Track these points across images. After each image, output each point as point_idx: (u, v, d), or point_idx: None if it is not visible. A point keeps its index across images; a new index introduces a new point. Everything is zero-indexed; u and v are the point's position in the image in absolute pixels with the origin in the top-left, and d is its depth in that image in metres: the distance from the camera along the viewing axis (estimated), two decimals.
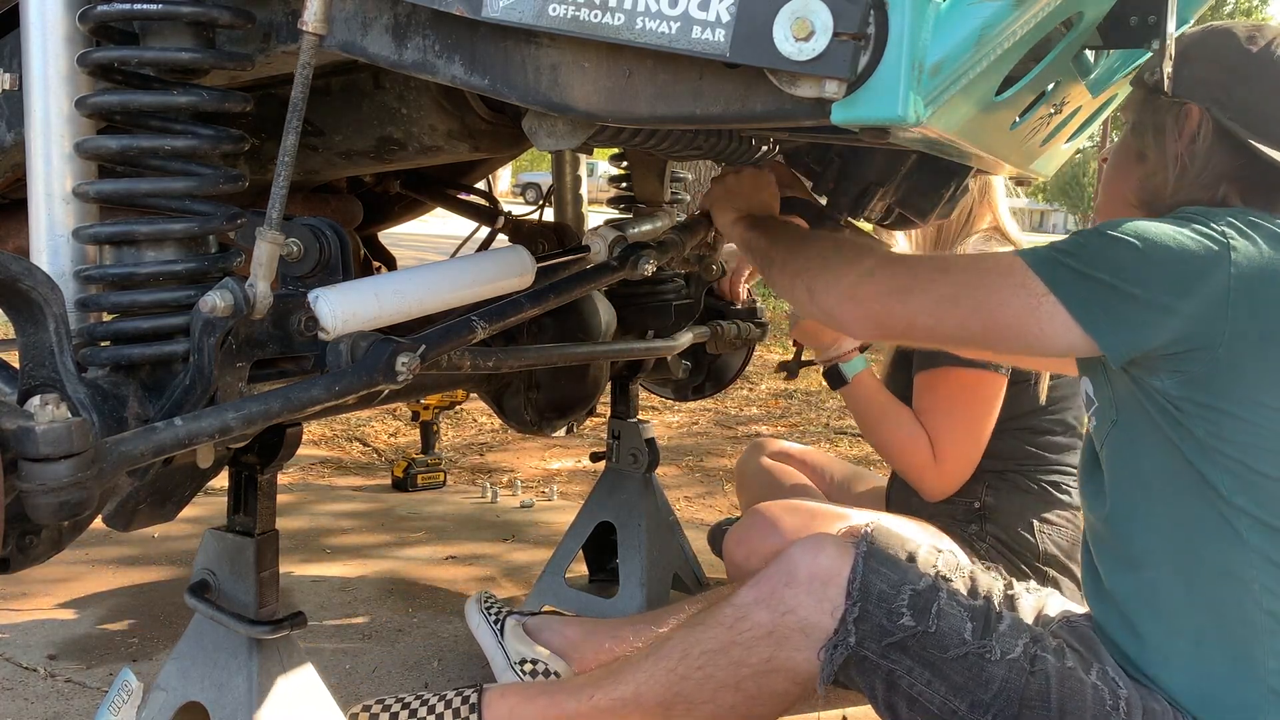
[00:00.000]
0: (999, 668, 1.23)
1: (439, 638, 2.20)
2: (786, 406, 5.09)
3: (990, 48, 0.94)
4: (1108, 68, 1.49)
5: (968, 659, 1.23)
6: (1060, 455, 2.02)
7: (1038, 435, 2.01)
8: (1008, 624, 1.28)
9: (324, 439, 4.03)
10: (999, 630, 1.26)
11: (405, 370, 1.13)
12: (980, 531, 1.96)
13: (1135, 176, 1.40)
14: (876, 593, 1.26)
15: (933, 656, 1.24)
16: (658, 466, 2.29)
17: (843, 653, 1.25)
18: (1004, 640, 1.25)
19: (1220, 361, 1.17)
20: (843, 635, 1.25)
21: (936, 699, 1.24)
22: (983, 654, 1.24)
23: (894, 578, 1.28)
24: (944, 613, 1.26)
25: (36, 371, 0.95)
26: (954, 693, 1.24)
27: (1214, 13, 26.47)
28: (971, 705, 1.23)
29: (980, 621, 1.27)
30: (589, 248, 1.59)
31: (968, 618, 1.27)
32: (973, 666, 1.23)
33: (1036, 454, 2.00)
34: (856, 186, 1.69)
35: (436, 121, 1.44)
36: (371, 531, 2.96)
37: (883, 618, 1.25)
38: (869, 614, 1.25)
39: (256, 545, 1.35)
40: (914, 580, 1.29)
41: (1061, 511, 1.98)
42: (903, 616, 1.25)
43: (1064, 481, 2.00)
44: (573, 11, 0.92)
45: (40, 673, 1.95)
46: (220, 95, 1.08)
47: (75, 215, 1.06)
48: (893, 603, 1.26)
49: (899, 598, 1.26)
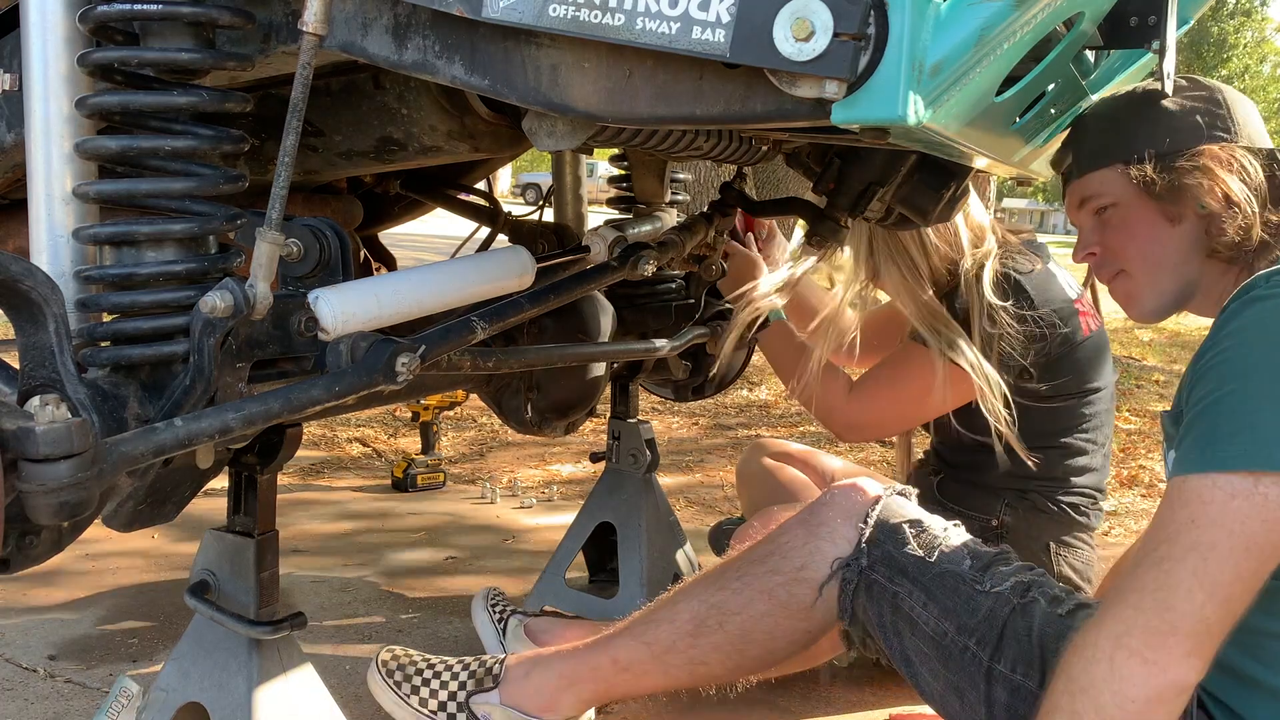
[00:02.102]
0: (987, 598, 1.35)
1: (439, 638, 2.20)
2: (786, 406, 5.09)
3: (990, 48, 0.94)
4: (1108, 68, 1.49)
5: (960, 587, 1.36)
6: (1084, 477, 1.97)
7: (1066, 456, 1.96)
8: (1008, 569, 1.39)
9: (324, 439, 4.03)
10: (996, 570, 1.38)
11: (405, 370, 1.13)
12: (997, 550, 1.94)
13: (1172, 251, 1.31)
14: (892, 525, 1.43)
15: (930, 581, 1.38)
16: (658, 467, 2.29)
17: (855, 571, 1.41)
18: (996, 577, 1.37)
19: None
20: (856, 556, 1.42)
21: (931, 620, 1.36)
22: (974, 583, 1.37)
23: (910, 515, 1.45)
24: (948, 547, 1.41)
25: (36, 372, 0.94)
26: (945, 615, 1.36)
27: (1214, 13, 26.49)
28: (959, 628, 1.35)
29: (980, 561, 1.40)
30: (589, 248, 1.59)
31: (968, 555, 1.41)
32: (963, 593, 1.36)
33: (1061, 474, 1.96)
34: (856, 186, 1.68)
35: (436, 122, 1.44)
36: (371, 532, 2.96)
37: (891, 545, 1.41)
38: (880, 541, 1.42)
39: (256, 546, 1.35)
40: (927, 522, 1.45)
41: (1080, 534, 1.96)
42: (908, 545, 1.41)
43: (1083, 504, 1.97)
44: (573, 12, 0.92)
45: (40, 673, 1.95)
46: (220, 95, 1.08)
47: (75, 215, 1.06)
48: (902, 534, 1.42)
49: (909, 530, 1.42)
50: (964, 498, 2.00)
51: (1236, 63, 29.78)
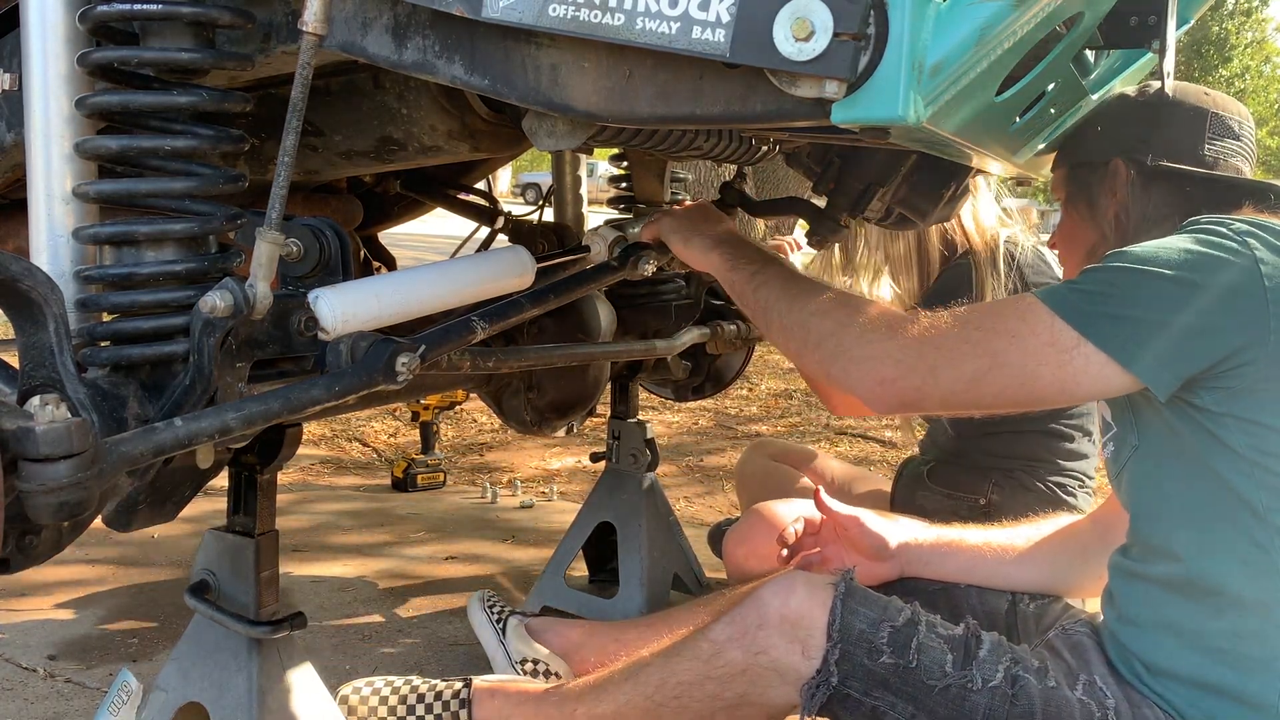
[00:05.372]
0: (981, 696, 1.24)
1: (439, 638, 2.20)
2: (786, 406, 5.09)
3: (990, 48, 0.94)
4: (1108, 68, 1.49)
5: (950, 691, 1.24)
6: (1071, 461, 2.02)
7: (1053, 439, 2.01)
8: (988, 649, 1.29)
9: (324, 439, 4.03)
10: (979, 657, 1.27)
11: (405, 370, 1.13)
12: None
13: (1083, 248, 1.44)
14: (856, 632, 1.27)
15: (915, 691, 1.25)
16: (658, 467, 2.29)
17: (825, 692, 1.26)
18: (984, 668, 1.26)
19: (1263, 373, 1.16)
20: (825, 675, 1.26)
21: None
22: (965, 684, 1.25)
23: (872, 616, 1.29)
24: (924, 646, 1.27)
25: (36, 372, 0.94)
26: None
27: (1214, 13, 26.50)
28: None
29: (960, 651, 1.28)
30: (589, 248, 1.59)
31: (948, 649, 1.28)
32: (955, 698, 1.24)
33: (1048, 456, 2.01)
34: (856, 186, 1.68)
35: (436, 121, 1.44)
36: (371, 531, 2.96)
37: (864, 656, 1.26)
38: (850, 654, 1.26)
39: (256, 545, 1.35)
40: (892, 616, 1.29)
41: (1067, 514, 1.97)
42: (883, 654, 1.26)
43: (1071, 485, 2.00)
44: (573, 11, 0.92)
45: (40, 673, 1.95)
46: (220, 95, 1.08)
47: (75, 215, 1.06)
48: (873, 641, 1.27)
49: (879, 635, 1.27)
50: (953, 481, 2.06)
51: (1237, 63, 29.77)
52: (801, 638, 1.28)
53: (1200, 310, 1.15)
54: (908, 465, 2.23)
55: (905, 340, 1.25)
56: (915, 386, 1.24)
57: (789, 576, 1.36)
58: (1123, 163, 1.40)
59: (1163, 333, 1.15)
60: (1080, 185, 1.46)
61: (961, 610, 1.51)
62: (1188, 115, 1.39)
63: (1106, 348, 1.16)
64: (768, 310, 1.39)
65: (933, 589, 1.58)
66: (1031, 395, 1.22)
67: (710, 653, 1.34)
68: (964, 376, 1.22)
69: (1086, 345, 1.16)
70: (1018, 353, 1.19)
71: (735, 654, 1.32)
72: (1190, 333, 1.15)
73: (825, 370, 1.32)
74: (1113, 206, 1.40)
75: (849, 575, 1.35)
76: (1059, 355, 1.17)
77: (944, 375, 1.23)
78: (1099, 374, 1.17)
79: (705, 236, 1.51)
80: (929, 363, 1.23)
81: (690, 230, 1.54)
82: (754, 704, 1.32)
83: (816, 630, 1.28)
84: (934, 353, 1.23)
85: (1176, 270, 1.16)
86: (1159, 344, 1.15)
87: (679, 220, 1.56)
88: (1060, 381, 1.18)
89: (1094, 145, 1.44)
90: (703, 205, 1.66)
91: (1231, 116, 1.40)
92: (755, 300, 1.41)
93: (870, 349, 1.26)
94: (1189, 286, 1.15)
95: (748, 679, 1.31)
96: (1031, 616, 1.53)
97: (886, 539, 1.61)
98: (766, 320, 1.40)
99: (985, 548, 1.60)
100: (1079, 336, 1.17)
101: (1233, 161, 1.38)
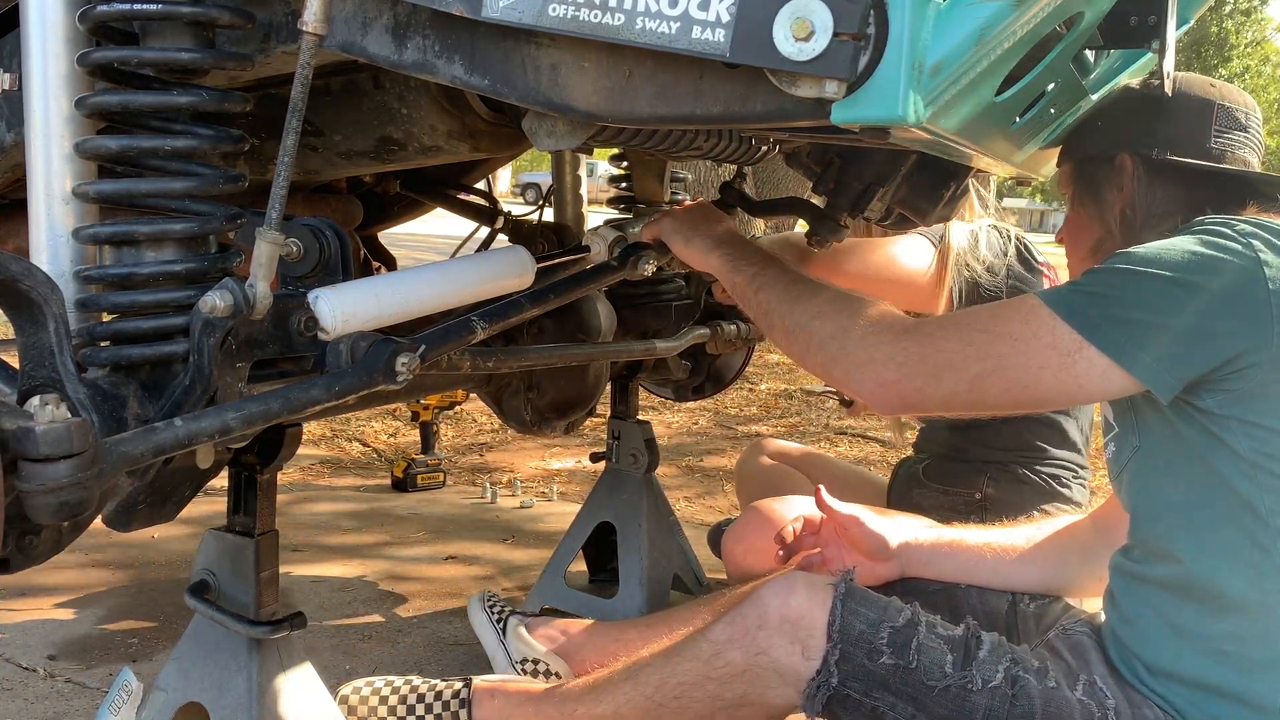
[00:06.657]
0: (981, 697, 1.24)
1: (439, 638, 2.20)
2: (786, 406, 5.09)
3: (990, 48, 0.94)
4: (1108, 68, 1.49)
5: (950, 691, 1.24)
6: (1066, 451, 2.02)
7: (1047, 429, 2.02)
8: (988, 649, 1.29)
9: (324, 439, 4.03)
10: (979, 658, 1.27)
11: (405, 370, 1.13)
12: (981, 523, 1.96)
13: (1088, 244, 1.44)
14: (856, 633, 1.27)
15: (915, 691, 1.25)
16: (658, 467, 2.29)
17: (825, 692, 1.26)
18: (984, 668, 1.26)
19: (1266, 376, 1.15)
20: (825, 676, 1.26)
21: None
22: (964, 685, 1.25)
23: (872, 616, 1.29)
24: (924, 647, 1.27)
25: (36, 372, 0.94)
26: None
27: (1213, 13, 26.46)
28: None
29: (960, 652, 1.28)
30: (589, 248, 1.59)
31: (948, 650, 1.28)
32: (955, 698, 1.24)
33: (1042, 447, 2.01)
34: (856, 186, 1.68)
35: (436, 122, 1.44)
36: (371, 531, 2.96)
37: (864, 657, 1.26)
38: (850, 654, 1.26)
39: (256, 545, 1.35)
40: (892, 617, 1.29)
41: (1062, 506, 1.98)
42: (883, 655, 1.26)
43: (1065, 475, 2.01)
44: (573, 11, 0.92)
45: (40, 673, 1.95)
46: (220, 95, 1.08)
47: (75, 215, 1.06)
48: (873, 642, 1.27)
49: (879, 636, 1.27)
50: (948, 476, 2.06)
51: (1236, 63, 29.74)
52: (802, 638, 1.28)
53: (1203, 313, 1.14)
54: (903, 464, 2.23)
55: (907, 343, 1.25)
56: (917, 388, 1.24)
57: (789, 577, 1.36)
58: (1129, 157, 1.39)
59: (1165, 335, 1.14)
60: (1086, 181, 1.45)
61: (962, 610, 1.51)
62: (1194, 108, 1.38)
63: (1109, 350, 1.16)
64: (769, 312, 1.39)
65: (933, 589, 1.57)
66: (1033, 397, 1.22)
67: (710, 653, 1.34)
68: (966, 379, 1.22)
69: (1089, 348, 1.16)
70: (1020, 355, 1.19)
71: (735, 654, 1.32)
72: (1193, 335, 1.14)
73: (828, 372, 1.33)
74: (1119, 202, 1.40)
75: (849, 576, 1.35)
76: (1061, 358, 1.17)
77: (946, 378, 1.23)
78: (1101, 376, 1.17)
79: (706, 237, 1.51)
80: (930, 365, 1.23)
81: (691, 231, 1.54)
82: (754, 704, 1.32)
83: (816, 631, 1.28)
84: (935, 355, 1.23)
85: (1180, 272, 1.15)
86: (1162, 346, 1.14)
87: (679, 220, 1.56)
88: (1062, 384, 1.18)
89: (1099, 140, 1.43)
90: (703, 205, 1.66)
91: (1238, 108, 1.39)
92: (757, 302, 1.41)
93: (872, 352, 1.26)
94: (1192, 289, 1.15)
95: (748, 679, 1.31)
96: (1032, 617, 1.53)
97: (887, 539, 1.61)
98: (769, 322, 1.40)
99: (986, 548, 1.60)
100: (1081, 339, 1.16)
101: (1240, 153, 1.37)
